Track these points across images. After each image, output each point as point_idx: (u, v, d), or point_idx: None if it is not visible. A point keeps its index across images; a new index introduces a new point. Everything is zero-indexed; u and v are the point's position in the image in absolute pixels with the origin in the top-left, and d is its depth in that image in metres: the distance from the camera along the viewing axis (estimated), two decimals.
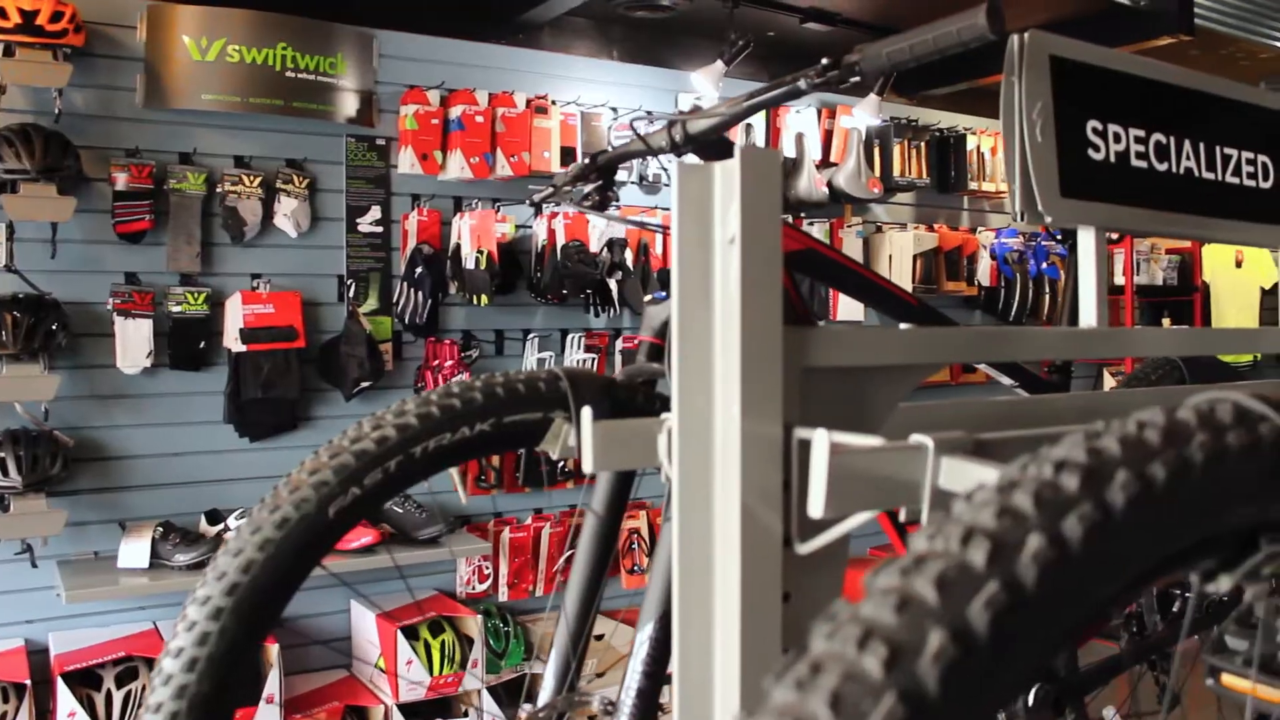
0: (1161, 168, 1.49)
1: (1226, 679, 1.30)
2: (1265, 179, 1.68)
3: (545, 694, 1.58)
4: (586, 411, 1.18)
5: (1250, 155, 1.64)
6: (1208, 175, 1.57)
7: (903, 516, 0.90)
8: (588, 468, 1.18)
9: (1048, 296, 5.59)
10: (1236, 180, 1.62)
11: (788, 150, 4.89)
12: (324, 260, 4.09)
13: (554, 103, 4.40)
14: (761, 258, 0.99)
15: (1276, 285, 7.34)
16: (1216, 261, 6.85)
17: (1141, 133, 1.46)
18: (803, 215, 4.95)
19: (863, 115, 4.89)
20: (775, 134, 4.92)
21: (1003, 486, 0.60)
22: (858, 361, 1.09)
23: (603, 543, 1.58)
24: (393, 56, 4.18)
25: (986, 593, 0.54)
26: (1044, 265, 5.61)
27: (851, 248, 5.06)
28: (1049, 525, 0.57)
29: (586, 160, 1.84)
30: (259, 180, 3.87)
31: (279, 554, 1.30)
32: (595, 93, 4.52)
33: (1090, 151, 1.38)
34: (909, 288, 5.05)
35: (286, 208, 3.94)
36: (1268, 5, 5.32)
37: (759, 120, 4.84)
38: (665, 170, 4.29)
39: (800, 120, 4.94)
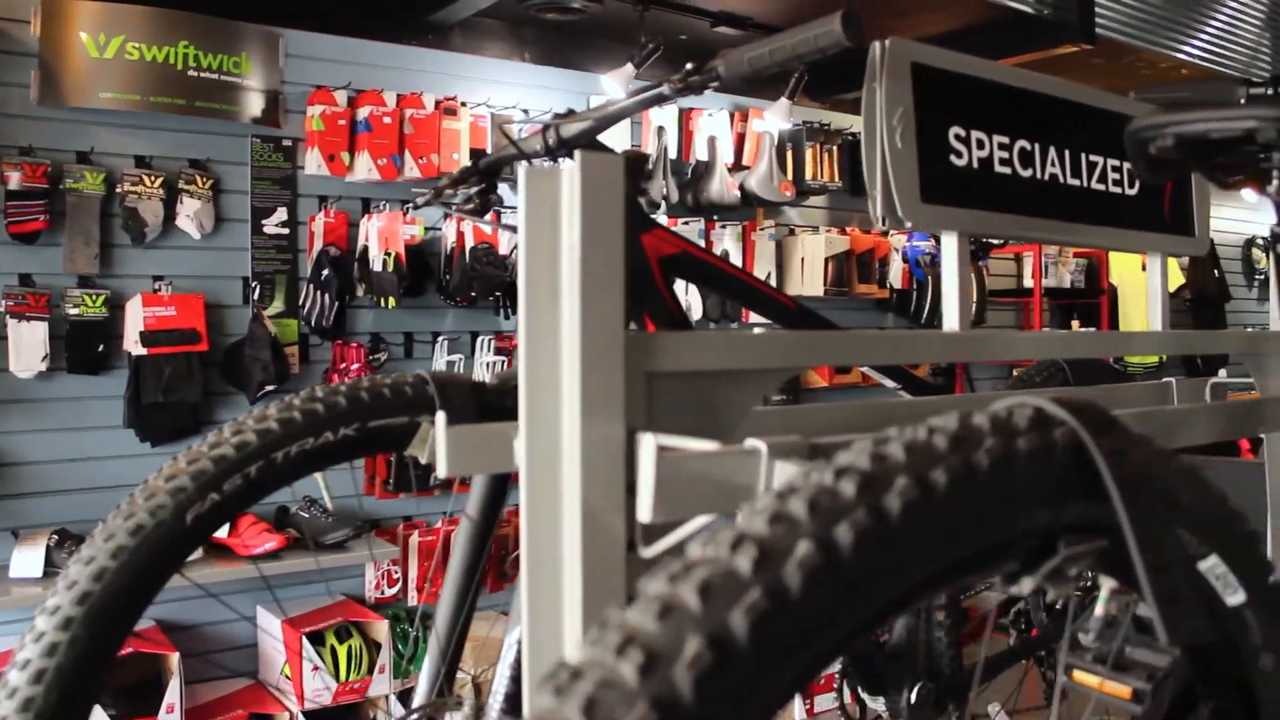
0: (1026, 174, 1.51)
1: (1078, 675, 1.32)
2: (1131, 186, 1.71)
3: (418, 698, 1.57)
4: (440, 415, 1.17)
5: (1116, 163, 1.67)
6: (1073, 182, 1.59)
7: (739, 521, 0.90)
8: (441, 472, 1.17)
9: None
10: (1102, 187, 1.65)
11: (700, 153, 4.92)
12: (228, 262, 4.02)
13: (464, 104, 4.37)
14: (601, 263, 0.99)
15: (1181, 288, 7.51)
16: (1123, 265, 6.99)
17: (1005, 139, 1.49)
18: (715, 218, 4.97)
19: (774, 119, 4.92)
20: (688, 137, 4.93)
21: (782, 493, 0.61)
22: (707, 366, 1.09)
23: (476, 547, 1.57)
24: (299, 56, 4.13)
25: (748, 599, 0.54)
26: None
27: (764, 251, 5.09)
28: (819, 532, 0.57)
29: (468, 164, 1.84)
30: (160, 181, 3.80)
31: (133, 562, 1.28)
32: (506, 94, 4.51)
33: (952, 157, 1.40)
34: (821, 290, 5.10)
35: (189, 209, 3.87)
36: (1167, 16, 5.44)
37: (672, 124, 4.85)
38: None
39: (713, 124, 4.96)
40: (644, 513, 0.88)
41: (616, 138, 4.62)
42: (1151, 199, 1.75)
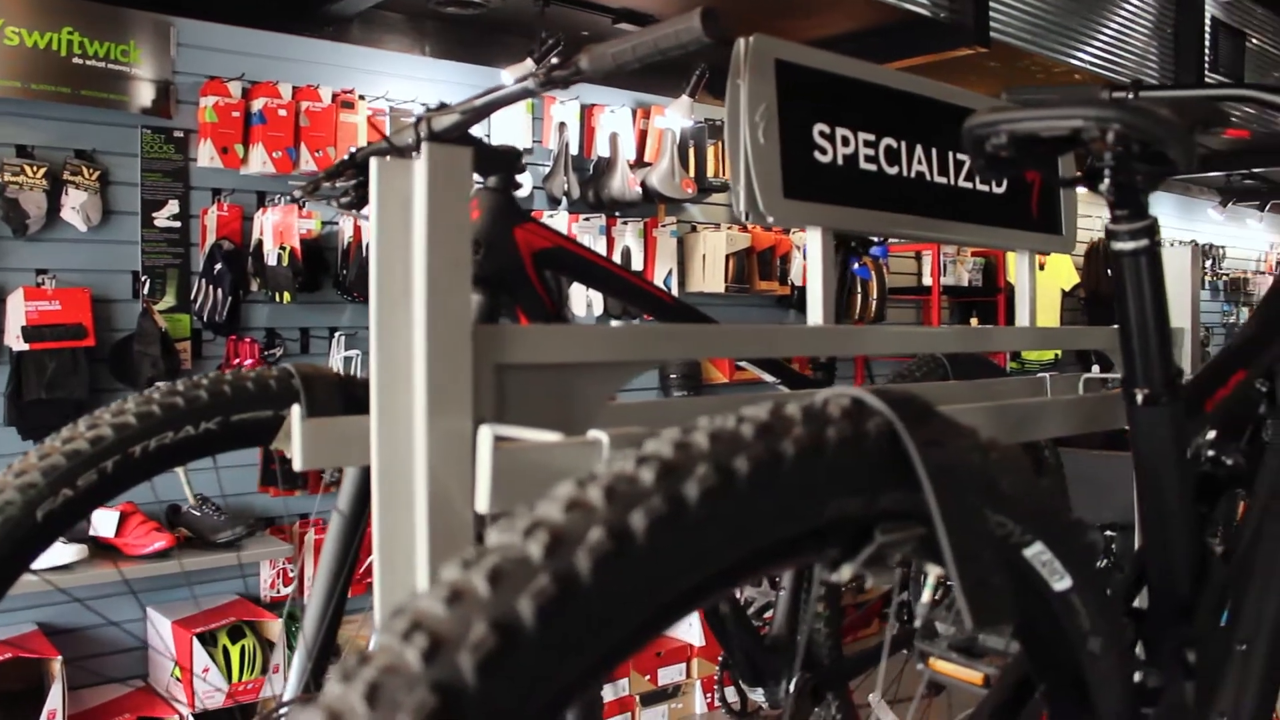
0: (892, 171, 1.54)
1: (934, 663, 1.35)
2: (998, 184, 1.75)
3: (286, 694, 1.56)
4: (295, 408, 1.16)
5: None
6: (940, 179, 1.63)
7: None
8: (297, 464, 1.16)
9: (859, 296, 5.74)
10: (969, 185, 1.69)
11: (602, 150, 4.92)
12: (117, 256, 3.93)
13: (362, 97, 4.32)
14: (448, 256, 0.99)
15: (1076, 287, 7.70)
16: None
17: (871, 136, 1.51)
18: (617, 215, 4.98)
19: (676, 116, 4.94)
20: (590, 134, 4.94)
21: (583, 480, 0.61)
22: (559, 359, 1.09)
23: (346, 542, 1.56)
24: (191, 46, 4.05)
25: (536, 585, 0.54)
26: (855, 266, 5.75)
27: (665, 247, 5.11)
28: (613, 519, 0.57)
29: (346, 156, 1.82)
30: (43, 171, 3.70)
31: None
32: (405, 88, 4.46)
33: (817, 154, 1.42)
34: (722, 287, 5.13)
35: (75, 200, 3.77)
36: (1060, 23, 5.57)
37: (574, 120, 4.85)
38: None
39: (615, 120, 4.97)
40: (480, 503, 0.88)
41: (517, 134, 4.61)
42: (1019, 197, 1.79)
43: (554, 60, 1.40)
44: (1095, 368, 1.96)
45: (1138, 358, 1.12)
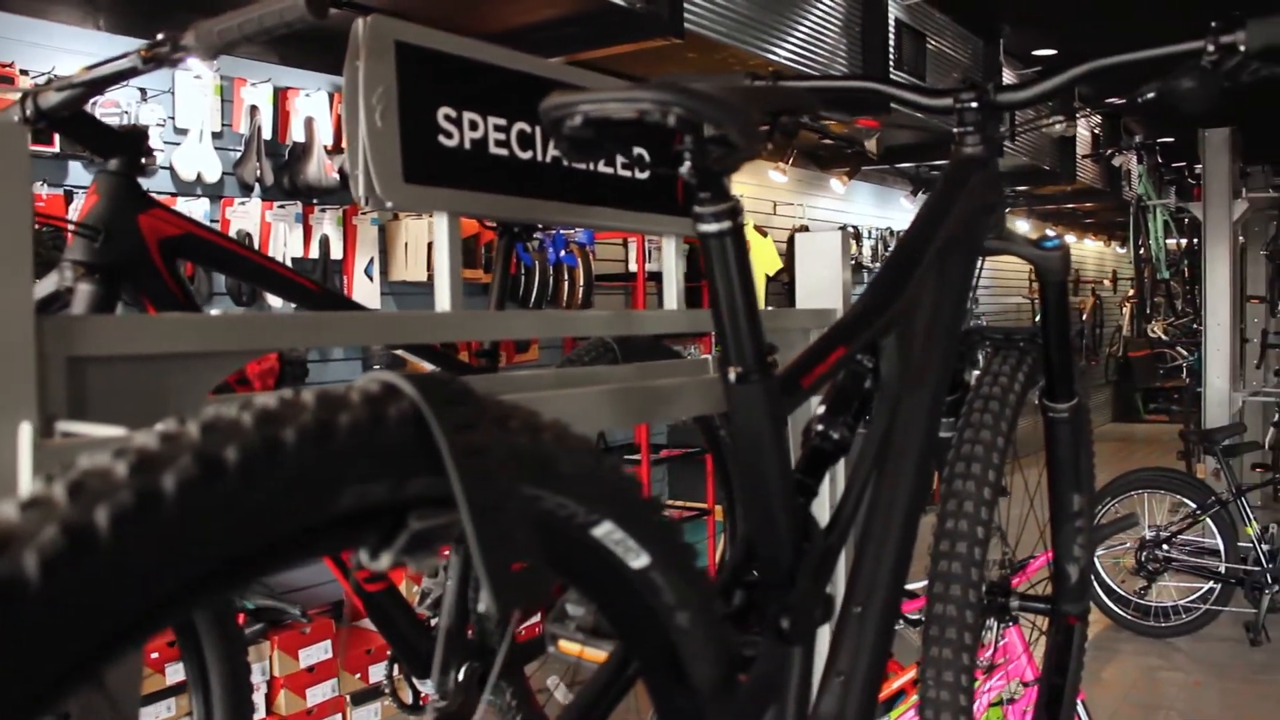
0: (525, 155, 1.54)
1: (563, 644, 1.37)
2: (641, 170, 1.79)
3: None
4: None
5: (624, 147, 1.73)
6: (579, 165, 1.65)
7: None
8: None
9: (567, 283, 5.80)
10: (610, 170, 1.72)
11: (297, 135, 4.77)
12: None
13: (24, 72, 4.03)
14: (2, 242, 0.93)
15: (780, 272, 8.03)
16: None
17: (503, 121, 1.51)
18: (314, 202, 4.84)
19: None
20: (285, 118, 4.77)
21: (52, 476, 0.58)
22: (147, 350, 1.04)
23: None
24: None
25: None
26: (563, 253, 5.82)
27: (366, 236, 5.01)
28: (73, 517, 0.54)
29: None
30: None
31: None
32: (75, 63, 4.18)
33: (442, 138, 1.41)
34: (424, 276, 5.07)
35: None
36: (755, 18, 5.77)
37: (266, 104, 4.67)
38: None
39: (311, 104, 4.82)
40: None
41: (204, 117, 4.41)
42: (663, 184, 1.84)
43: (159, 35, 1.34)
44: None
45: (729, 337, 1.16)
